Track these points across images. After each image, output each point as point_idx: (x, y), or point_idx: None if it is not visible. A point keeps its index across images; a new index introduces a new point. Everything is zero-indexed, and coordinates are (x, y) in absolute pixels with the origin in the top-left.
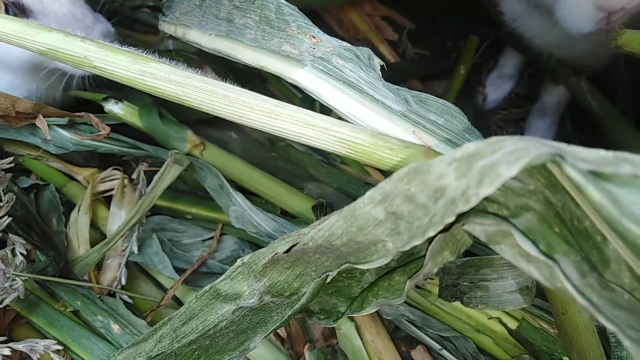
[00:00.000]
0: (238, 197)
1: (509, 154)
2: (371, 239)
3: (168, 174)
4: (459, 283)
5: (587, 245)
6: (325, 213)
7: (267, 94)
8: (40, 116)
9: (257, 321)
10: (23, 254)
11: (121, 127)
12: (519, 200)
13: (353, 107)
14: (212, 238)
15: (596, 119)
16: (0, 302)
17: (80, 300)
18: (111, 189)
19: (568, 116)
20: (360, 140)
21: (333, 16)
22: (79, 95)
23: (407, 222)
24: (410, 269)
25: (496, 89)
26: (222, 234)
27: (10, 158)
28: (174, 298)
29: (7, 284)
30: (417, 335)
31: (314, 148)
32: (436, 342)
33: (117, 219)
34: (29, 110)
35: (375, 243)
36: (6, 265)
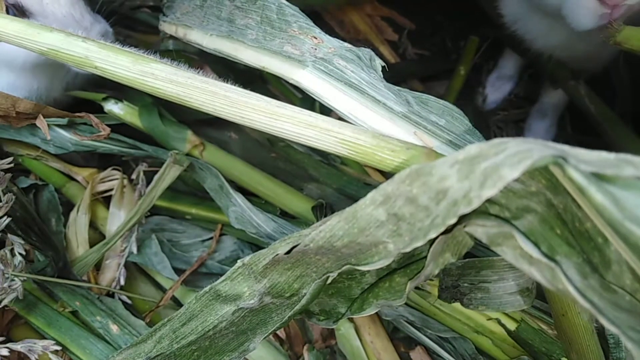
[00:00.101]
0: (238, 198)
1: (512, 156)
2: (372, 240)
3: (168, 175)
4: (459, 284)
5: (589, 246)
6: (325, 214)
7: (268, 94)
8: (40, 116)
9: (257, 322)
10: (22, 254)
11: (121, 127)
12: (520, 201)
13: (354, 108)
14: (211, 238)
15: (594, 122)
16: None
17: (79, 301)
18: (110, 189)
19: (567, 117)
20: (362, 142)
21: (334, 17)
22: (78, 95)
23: (409, 223)
24: (411, 270)
25: (496, 90)
26: (221, 234)
27: (9, 158)
28: (173, 298)
29: (5, 284)
30: (416, 336)
31: (314, 149)
32: (435, 343)
33: (116, 219)
34: (29, 111)
35: (377, 244)
36: (5, 265)
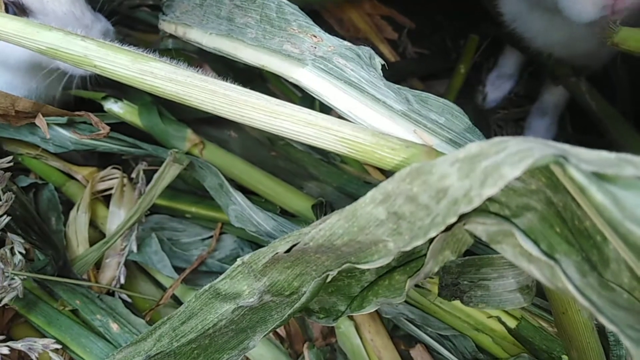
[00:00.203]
0: (237, 196)
1: (513, 154)
2: (372, 238)
3: (167, 173)
4: (459, 282)
5: (588, 245)
6: (325, 212)
7: (267, 93)
8: (40, 115)
9: (257, 320)
10: (22, 253)
11: (121, 126)
12: (520, 200)
13: (354, 107)
14: (211, 237)
15: (595, 119)
16: None
17: (79, 299)
18: (110, 188)
19: (567, 116)
20: (362, 140)
21: (333, 15)
22: (78, 94)
23: (409, 222)
24: (410, 268)
25: (496, 88)
26: (221, 233)
27: (9, 157)
28: (173, 297)
29: (5, 283)
30: (416, 334)
31: (314, 147)
32: (435, 340)
33: (116, 218)
34: (29, 109)
35: (377, 243)
36: (5, 264)
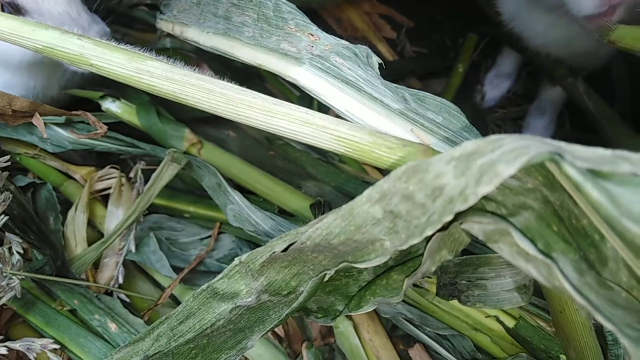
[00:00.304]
0: (236, 196)
1: (508, 152)
2: (369, 237)
3: (166, 173)
4: (456, 281)
5: (585, 243)
6: (323, 211)
7: (265, 92)
8: (37, 114)
9: (255, 320)
10: (20, 253)
11: (118, 125)
12: (517, 198)
13: (351, 105)
14: (209, 237)
15: (592, 119)
16: None
17: (78, 299)
18: (108, 188)
19: (566, 114)
20: (358, 139)
21: (331, 14)
22: (76, 94)
23: (405, 221)
24: (408, 268)
25: (494, 87)
26: (219, 232)
27: (7, 156)
28: (172, 297)
29: (3, 283)
30: (414, 333)
31: (312, 146)
32: (434, 340)
33: (114, 218)
34: (26, 109)
35: (373, 242)
36: (3, 263)
